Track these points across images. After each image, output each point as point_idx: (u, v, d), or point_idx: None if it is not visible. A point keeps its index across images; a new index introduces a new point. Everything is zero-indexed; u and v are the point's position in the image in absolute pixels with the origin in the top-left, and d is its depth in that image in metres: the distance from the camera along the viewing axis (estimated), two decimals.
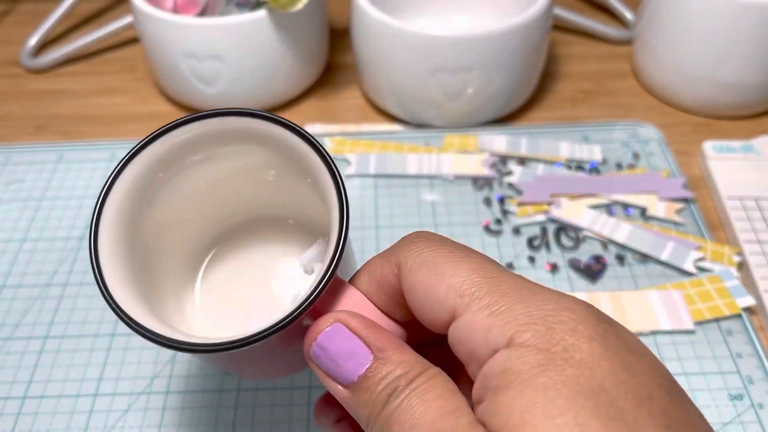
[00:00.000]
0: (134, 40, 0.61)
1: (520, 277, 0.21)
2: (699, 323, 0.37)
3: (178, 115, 0.53)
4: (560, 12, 0.59)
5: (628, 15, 0.60)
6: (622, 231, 0.42)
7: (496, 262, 0.21)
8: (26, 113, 0.54)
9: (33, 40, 0.59)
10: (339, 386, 0.21)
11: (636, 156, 0.47)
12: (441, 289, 0.20)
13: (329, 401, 0.25)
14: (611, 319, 0.20)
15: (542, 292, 0.20)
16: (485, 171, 0.46)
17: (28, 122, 0.53)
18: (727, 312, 0.37)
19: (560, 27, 0.61)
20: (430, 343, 0.24)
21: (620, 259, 0.41)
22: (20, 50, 0.59)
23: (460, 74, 0.46)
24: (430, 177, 0.46)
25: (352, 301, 0.23)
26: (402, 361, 0.21)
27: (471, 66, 0.46)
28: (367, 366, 0.21)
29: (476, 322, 0.19)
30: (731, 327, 0.37)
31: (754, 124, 0.51)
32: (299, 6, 0.46)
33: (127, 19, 0.58)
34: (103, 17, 0.65)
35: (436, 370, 0.21)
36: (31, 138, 0.52)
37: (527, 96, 0.52)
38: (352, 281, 0.24)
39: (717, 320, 0.37)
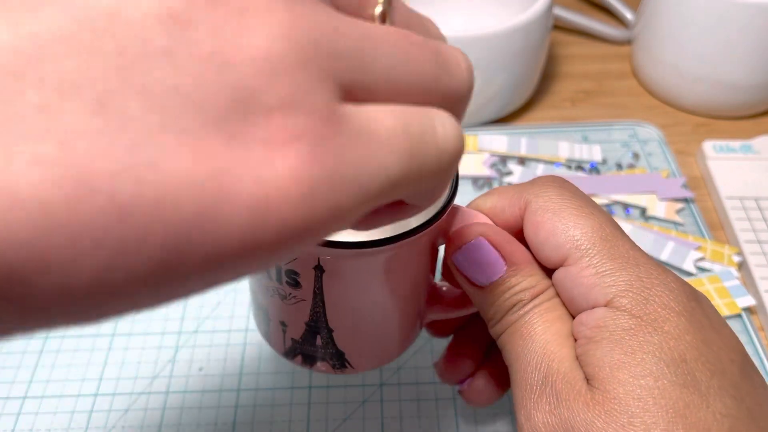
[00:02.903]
0: None
1: (633, 244, 0.23)
2: None
3: None
4: (560, 12, 0.59)
5: (628, 15, 0.60)
6: None
7: (616, 223, 0.24)
8: None
9: None
10: (473, 285, 0.25)
11: (636, 156, 0.47)
12: (561, 237, 0.23)
13: (456, 359, 0.29)
14: (702, 297, 0.23)
15: (647, 263, 0.22)
16: (485, 171, 0.46)
17: None
18: (727, 312, 0.37)
19: (560, 27, 0.61)
20: None
21: None
22: None
23: None
24: None
25: (483, 219, 0.26)
26: (530, 275, 0.24)
27: None
28: (500, 275, 0.24)
29: (583, 277, 0.22)
30: (731, 327, 0.37)
31: (753, 124, 0.51)
32: None
33: None
34: None
35: (554, 290, 0.24)
36: None
37: (527, 96, 0.52)
38: (480, 200, 0.26)
39: None
